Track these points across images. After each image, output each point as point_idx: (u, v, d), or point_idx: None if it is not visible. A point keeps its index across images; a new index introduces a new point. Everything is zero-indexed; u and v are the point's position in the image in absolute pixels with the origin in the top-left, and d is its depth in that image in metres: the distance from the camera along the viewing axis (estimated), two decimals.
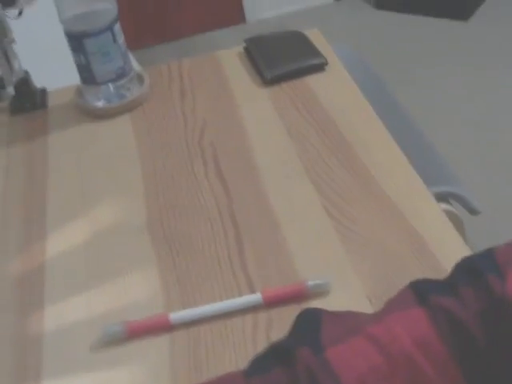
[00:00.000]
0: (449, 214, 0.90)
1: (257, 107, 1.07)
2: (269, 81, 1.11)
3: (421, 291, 0.57)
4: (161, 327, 0.75)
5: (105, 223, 0.91)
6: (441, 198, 1.20)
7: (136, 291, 0.81)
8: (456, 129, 2.48)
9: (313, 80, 1.11)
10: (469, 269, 0.57)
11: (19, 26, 1.10)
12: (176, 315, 0.75)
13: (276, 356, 0.59)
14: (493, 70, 2.77)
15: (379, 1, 3.31)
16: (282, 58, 1.13)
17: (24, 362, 0.74)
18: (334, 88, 1.09)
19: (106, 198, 0.95)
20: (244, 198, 0.91)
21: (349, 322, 0.60)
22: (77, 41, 1.03)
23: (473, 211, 1.30)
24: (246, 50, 1.20)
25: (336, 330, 0.59)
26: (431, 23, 3.12)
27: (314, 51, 1.14)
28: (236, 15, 3.37)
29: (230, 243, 0.84)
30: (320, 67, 1.12)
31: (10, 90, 1.15)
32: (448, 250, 0.79)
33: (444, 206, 1.19)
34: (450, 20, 3.10)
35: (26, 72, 1.13)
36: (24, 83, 1.13)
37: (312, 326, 0.61)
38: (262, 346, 0.70)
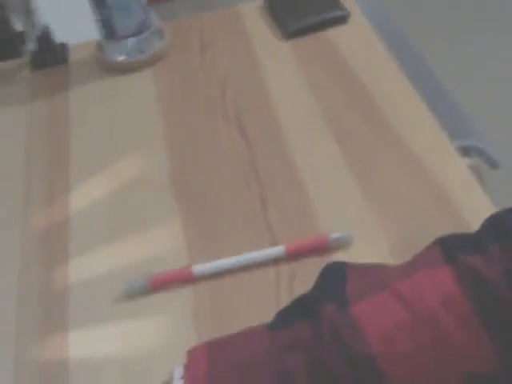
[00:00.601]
0: (471, 167, 0.90)
1: (278, 61, 1.06)
2: (290, 34, 1.10)
3: (448, 248, 0.57)
4: (184, 279, 0.75)
5: (127, 177, 0.91)
6: (463, 152, 1.19)
7: (159, 245, 0.81)
8: (480, 85, 2.45)
9: (335, 33, 1.09)
10: (496, 226, 0.57)
11: None
12: (199, 267, 0.75)
13: (301, 310, 0.59)
14: None
15: None
16: (303, 11, 1.12)
17: (50, 313, 0.76)
18: (357, 41, 1.07)
19: (129, 153, 0.95)
20: (267, 153, 0.91)
21: (374, 276, 0.61)
22: None
23: (494, 165, 1.29)
24: (267, 2, 1.18)
25: (361, 285, 0.59)
26: None
27: (336, 3, 1.12)
28: None
29: (253, 198, 0.84)
30: (342, 19, 1.11)
31: (31, 45, 1.14)
32: (471, 205, 0.78)
33: (466, 160, 1.18)
34: None
35: (47, 27, 1.12)
36: (45, 38, 1.13)
37: (337, 281, 0.61)
38: (284, 298, 0.71)
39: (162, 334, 0.72)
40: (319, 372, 0.55)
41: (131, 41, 1.08)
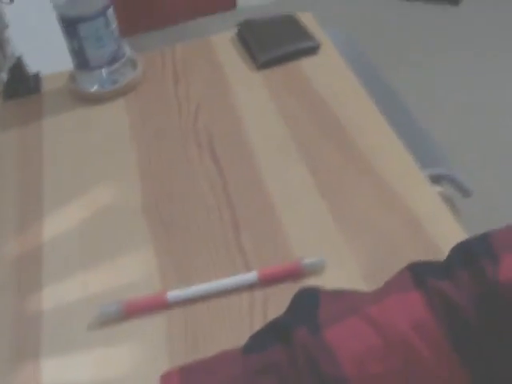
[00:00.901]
0: (442, 195, 0.91)
1: (250, 91, 1.08)
2: (262, 64, 1.11)
3: (418, 274, 0.58)
4: (157, 306, 0.76)
5: (100, 206, 0.91)
6: (434, 180, 1.21)
7: (132, 271, 0.81)
8: (447, 113, 2.49)
9: (306, 63, 1.11)
10: (464, 252, 0.58)
11: (12, 11, 1.10)
12: (173, 293, 0.76)
13: (274, 334, 0.60)
14: (484, 53, 2.78)
15: None
16: (274, 42, 1.14)
17: (23, 341, 0.75)
18: (327, 71, 1.09)
19: (102, 182, 0.95)
20: (239, 180, 0.91)
21: (346, 301, 0.61)
22: (70, 26, 1.03)
23: (465, 193, 1.31)
24: (239, 34, 1.20)
25: (333, 310, 0.60)
26: (422, 8, 3.12)
27: (306, 34, 1.14)
28: (226, 1, 3.36)
29: (226, 224, 0.85)
30: (313, 50, 1.13)
31: (3, 75, 1.15)
32: (441, 231, 0.80)
33: (437, 188, 1.20)
34: (441, 4, 3.11)
35: (20, 57, 1.13)
36: (17, 68, 1.13)
37: (310, 305, 0.61)
38: (258, 324, 0.71)
39: (136, 360, 0.72)
40: None
41: (104, 71, 1.08)
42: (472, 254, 0.57)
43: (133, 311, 0.75)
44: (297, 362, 0.56)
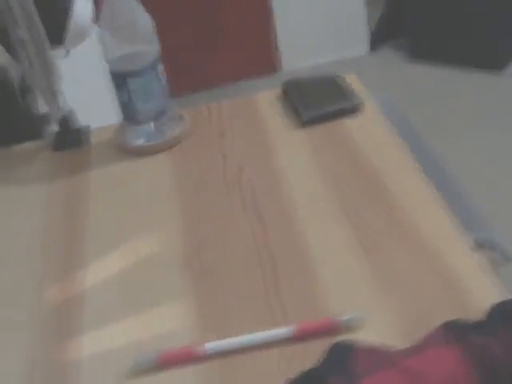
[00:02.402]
0: (483, 260, 0.91)
1: (293, 148, 1.09)
2: (305, 122, 1.13)
3: (457, 329, 0.58)
4: (193, 357, 0.75)
5: (142, 255, 0.92)
6: (475, 244, 1.20)
7: (172, 321, 0.82)
8: (490, 182, 2.47)
9: (349, 123, 1.12)
10: (504, 311, 0.57)
11: (66, 65, 1.14)
12: (209, 345, 0.75)
13: (309, 382, 0.60)
14: None
15: (414, 52, 3.35)
16: (318, 101, 1.15)
17: None
18: (370, 131, 1.10)
19: (145, 232, 0.97)
20: (281, 235, 0.92)
21: (382, 354, 0.61)
22: (121, 79, 1.07)
23: (507, 258, 1.29)
24: (283, 92, 1.22)
25: (370, 361, 0.59)
26: (465, 75, 3.14)
27: (349, 94, 1.16)
28: (272, 64, 3.42)
29: (266, 278, 0.85)
30: (356, 109, 1.14)
31: (54, 127, 1.18)
32: (480, 294, 0.78)
33: (478, 253, 1.19)
34: (484, 71, 3.12)
35: (70, 109, 1.16)
36: (68, 120, 1.16)
37: (346, 356, 0.61)
38: (293, 374, 0.71)
39: None
40: None
41: (151, 124, 1.11)
42: (510, 312, 0.56)
43: (168, 362, 0.75)
44: None
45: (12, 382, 0.77)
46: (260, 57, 3.42)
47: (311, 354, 0.73)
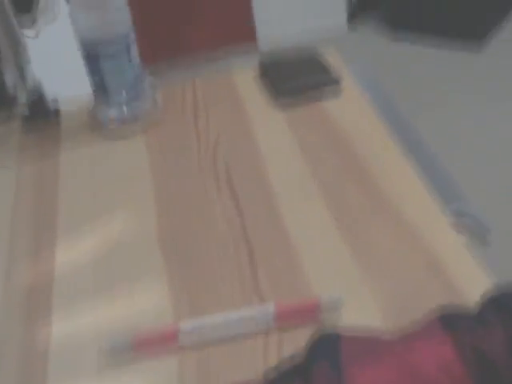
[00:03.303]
0: (463, 231, 0.90)
1: (271, 128, 1.07)
2: (283, 102, 1.10)
3: (448, 320, 0.57)
4: (168, 339, 0.74)
5: (115, 238, 0.90)
6: (453, 214, 1.20)
7: (145, 303, 0.80)
8: (468, 160, 2.47)
9: (328, 101, 1.10)
10: (497, 301, 0.57)
11: (35, 45, 1.10)
12: (183, 325, 0.74)
13: (293, 368, 0.58)
14: (506, 101, 2.77)
15: (394, 23, 3.32)
16: (296, 78, 1.13)
17: (29, 373, 0.74)
18: (350, 110, 1.08)
19: (117, 213, 0.94)
20: (257, 216, 0.90)
21: (370, 341, 0.60)
22: (93, 61, 1.03)
23: (485, 229, 1.29)
24: (261, 70, 1.19)
25: (356, 349, 0.58)
26: (444, 53, 3.12)
27: (327, 68, 1.13)
28: (247, 33, 3.38)
29: (242, 260, 0.83)
30: (333, 82, 1.11)
31: (24, 110, 1.15)
32: (463, 274, 0.78)
33: (458, 223, 1.18)
34: (464, 51, 3.11)
35: (41, 92, 1.13)
36: (38, 102, 1.13)
37: (331, 343, 0.60)
38: (273, 362, 0.70)
39: None
40: None
41: (124, 106, 1.08)
42: (505, 303, 0.56)
43: (143, 344, 0.73)
44: None
45: None
46: (236, 25, 3.37)
47: (291, 339, 0.72)
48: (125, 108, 1.08)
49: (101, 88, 1.06)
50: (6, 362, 0.75)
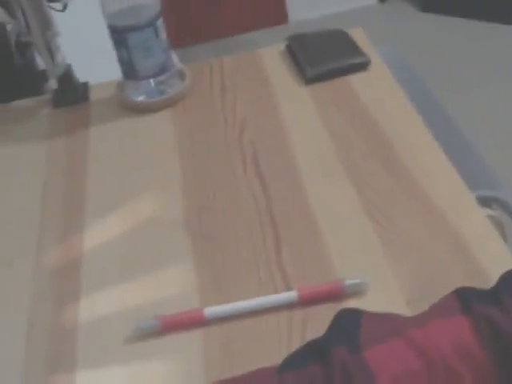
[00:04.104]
0: (491, 218, 0.89)
1: (298, 106, 1.06)
2: (310, 79, 1.10)
3: (465, 299, 0.57)
4: (195, 322, 0.74)
5: (142, 217, 0.91)
6: (484, 202, 1.18)
7: (171, 286, 0.80)
8: (500, 136, 2.44)
9: (355, 79, 1.10)
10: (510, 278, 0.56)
11: (63, 19, 1.11)
12: (210, 310, 0.74)
13: (311, 353, 0.58)
14: None
15: (424, 3, 3.28)
16: (323, 57, 1.12)
17: (59, 352, 0.75)
18: (377, 88, 1.07)
19: (145, 192, 0.95)
20: (283, 196, 0.90)
21: (389, 323, 0.60)
22: (119, 35, 1.04)
23: None
24: (288, 47, 1.19)
25: (375, 331, 0.58)
26: (477, 26, 3.07)
27: (356, 50, 1.13)
28: (278, 15, 3.36)
29: (268, 241, 0.84)
30: (362, 66, 1.11)
31: (53, 83, 1.16)
32: (490, 256, 0.77)
33: (487, 210, 1.17)
34: (497, 24, 3.05)
35: (69, 65, 1.14)
36: (66, 77, 1.14)
37: (351, 325, 0.60)
38: (296, 343, 0.70)
39: (172, 375, 0.71)
40: None
41: (152, 81, 1.08)
42: None
43: (169, 327, 0.74)
44: (334, 380, 0.54)
45: (11, 344, 0.77)
46: (266, 8, 3.36)
47: (315, 321, 0.73)
48: (152, 82, 1.09)
49: (127, 63, 1.07)
50: (37, 342, 0.77)
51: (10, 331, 0.78)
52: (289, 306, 0.75)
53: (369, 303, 0.73)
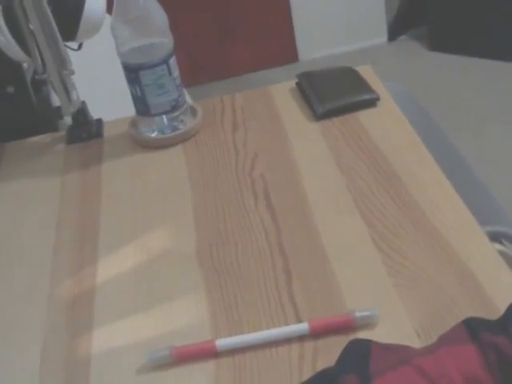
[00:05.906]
0: (501, 254, 0.89)
1: (308, 141, 1.08)
2: (320, 115, 1.12)
3: (473, 328, 0.57)
4: (207, 353, 0.75)
5: (155, 250, 0.92)
6: (493, 237, 1.18)
7: (183, 318, 0.81)
8: (509, 174, 2.44)
9: (364, 116, 1.11)
10: None
11: (78, 58, 1.13)
12: (222, 342, 0.75)
13: (323, 382, 0.59)
14: None
15: (433, 42, 3.31)
16: (333, 93, 1.14)
17: (73, 380, 0.76)
18: (386, 124, 1.09)
19: (157, 226, 0.96)
20: (293, 230, 0.91)
21: (398, 353, 0.60)
22: (133, 73, 1.06)
23: None
24: (298, 84, 1.21)
25: (385, 361, 0.59)
26: (486, 65, 3.09)
27: (365, 87, 1.15)
28: (289, 54, 3.40)
29: (278, 274, 0.84)
30: (371, 102, 1.13)
31: (68, 120, 1.18)
32: (499, 288, 0.77)
33: (497, 245, 1.17)
34: (505, 62, 3.07)
35: (84, 103, 1.16)
36: (81, 113, 1.16)
37: (361, 355, 0.60)
38: (307, 374, 0.70)
39: None
40: None
41: (164, 118, 1.10)
42: None
43: (182, 358, 0.75)
44: None
45: (25, 377, 0.77)
46: (277, 47, 3.40)
47: (325, 352, 0.73)
48: (165, 119, 1.11)
49: (140, 100, 1.09)
50: (51, 369, 0.77)
51: (23, 364, 0.79)
52: (300, 337, 0.75)
53: (379, 335, 0.73)
